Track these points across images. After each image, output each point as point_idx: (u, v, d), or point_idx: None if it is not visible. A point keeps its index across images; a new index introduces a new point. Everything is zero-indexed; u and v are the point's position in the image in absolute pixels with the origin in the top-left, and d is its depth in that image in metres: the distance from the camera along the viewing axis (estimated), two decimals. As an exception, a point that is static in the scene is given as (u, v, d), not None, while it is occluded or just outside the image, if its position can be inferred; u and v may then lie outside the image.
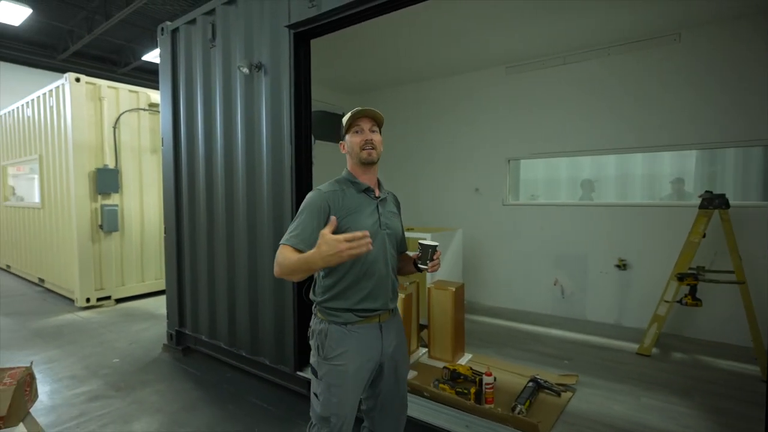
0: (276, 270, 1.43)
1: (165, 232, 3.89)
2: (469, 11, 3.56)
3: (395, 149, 5.90)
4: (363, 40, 4.18)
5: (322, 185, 1.63)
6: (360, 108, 1.61)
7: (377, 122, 1.63)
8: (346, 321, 1.55)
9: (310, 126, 2.92)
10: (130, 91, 5.67)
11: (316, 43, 2.93)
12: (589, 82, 4.41)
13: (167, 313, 3.93)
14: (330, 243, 1.27)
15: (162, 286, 5.69)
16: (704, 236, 3.39)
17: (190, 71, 3.54)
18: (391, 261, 1.62)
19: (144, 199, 5.82)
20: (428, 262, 1.56)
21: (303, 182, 2.88)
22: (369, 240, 1.29)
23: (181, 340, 3.82)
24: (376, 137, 1.61)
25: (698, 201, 3.55)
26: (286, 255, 1.41)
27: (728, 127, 3.75)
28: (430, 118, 5.57)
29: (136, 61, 10.72)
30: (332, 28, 2.72)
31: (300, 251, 1.41)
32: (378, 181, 1.70)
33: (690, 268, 3.44)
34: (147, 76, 11.42)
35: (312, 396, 1.61)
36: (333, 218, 1.39)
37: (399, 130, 5.88)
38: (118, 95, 5.53)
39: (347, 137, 1.63)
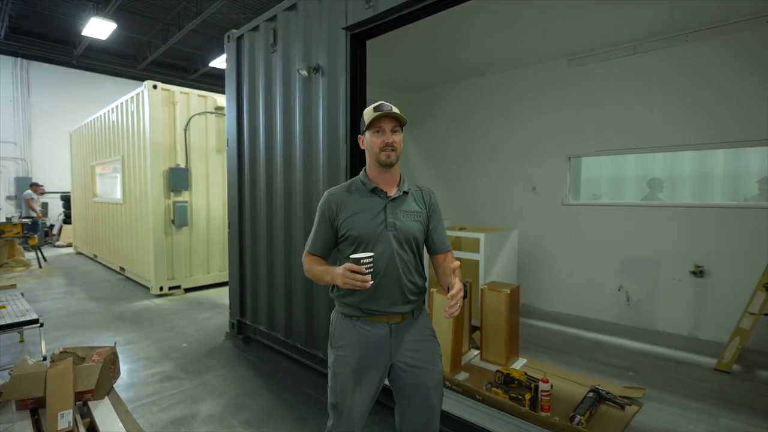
0: (305, 274, 1.66)
1: (228, 227, 4.13)
2: (526, 3, 3.42)
3: (450, 147, 5.83)
4: (416, 37, 4.16)
5: (335, 186, 1.71)
6: (381, 105, 1.58)
7: (399, 122, 1.59)
8: (351, 314, 1.61)
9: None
10: (199, 95, 6.10)
11: (369, 43, 2.97)
12: (662, 73, 4.07)
13: (229, 303, 4.18)
14: (335, 272, 1.47)
15: (225, 278, 6.08)
16: (800, 242, 3.01)
17: (253, 75, 3.74)
18: (401, 263, 1.58)
19: (210, 196, 6.25)
20: (369, 274, 1.40)
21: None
22: (367, 280, 1.39)
23: (241, 329, 4.05)
24: (398, 138, 1.59)
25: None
26: (308, 262, 1.65)
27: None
28: (485, 115, 5.43)
29: (204, 67, 11.52)
30: (388, 28, 2.74)
31: (316, 255, 1.65)
32: (401, 178, 1.68)
33: (781, 278, 3.07)
34: (214, 81, 12.22)
35: None
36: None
37: (454, 127, 5.80)
38: (189, 100, 5.97)
39: (367, 134, 1.61)
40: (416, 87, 6.12)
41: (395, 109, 1.60)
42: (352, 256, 1.42)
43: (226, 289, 4.56)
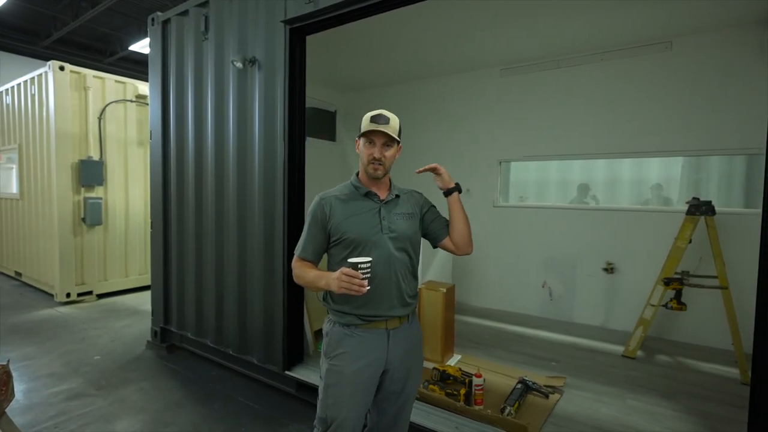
0: (295, 280, 1.60)
1: (152, 227, 3.82)
2: (464, 13, 3.57)
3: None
4: (356, 38, 4.16)
5: (327, 190, 1.67)
6: (379, 115, 1.55)
7: (393, 137, 1.58)
8: (348, 323, 1.57)
9: (304, 123, 2.90)
10: (117, 81, 5.56)
11: (309, 39, 2.91)
12: (581, 87, 4.47)
13: (152, 309, 3.86)
14: (330, 278, 1.42)
15: (146, 282, 5.61)
16: (690, 242, 3.47)
17: (182, 64, 3.49)
18: (398, 266, 1.58)
19: (129, 193, 5.71)
20: (366, 279, 1.38)
21: (296, 180, 2.86)
22: (363, 284, 1.36)
23: (166, 337, 3.76)
24: (388, 153, 1.59)
25: (683, 207, 3.63)
26: (299, 267, 1.59)
27: (714, 135, 3.84)
28: (421, 118, 5.56)
29: (122, 50, 10.49)
30: (329, 25, 2.70)
31: (307, 260, 1.60)
32: (390, 183, 1.69)
33: (675, 273, 3.51)
34: (134, 67, 11.19)
35: None
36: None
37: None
38: (104, 85, 5.41)
39: (361, 141, 1.62)
40: (355, 87, 6.11)
41: (393, 121, 1.57)
42: (350, 260, 1.39)
43: (147, 294, 4.21)
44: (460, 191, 1.67)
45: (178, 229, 3.59)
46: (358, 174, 1.68)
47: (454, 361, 3.35)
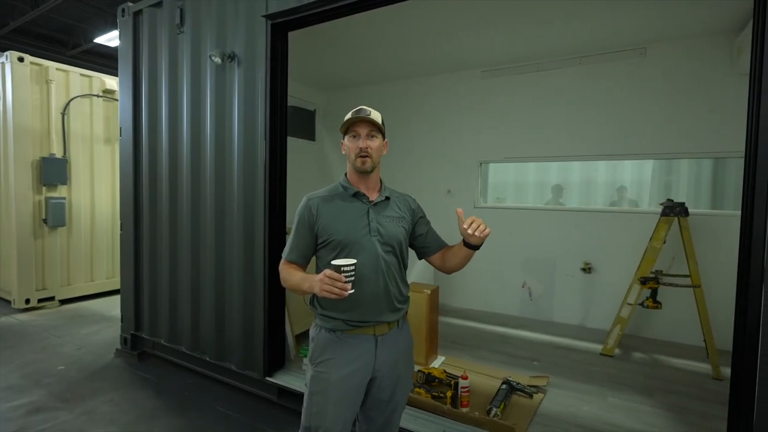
0: (282, 283, 1.58)
1: (121, 228, 3.65)
2: (446, 13, 3.58)
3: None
4: (337, 35, 4.11)
5: (315, 191, 1.64)
6: (360, 109, 1.55)
7: (377, 126, 1.56)
8: (335, 328, 1.53)
9: (286, 122, 2.84)
10: (83, 75, 5.29)
11: (292, 35, 2.85)
12: (560, 90, 4.57)
13: (122, 315, 3.69)
14: (314, 280, 1.40)
15: (114, 286, 5.37)
16: (664, 242, 3.59)
17: (155, 58, 3.35)
18: (387, 269, 1.54)
19: (96, 192, 5.45)
20: (349, 283, 1.34)
21: (277, 180, 2.79)
22: (346, 287, 1.33)
23: (136, 344, 3.61)
24: (374, 144, 1.55)
25: (656, 208, 3.77)
26: (285, 270, 1.56)
27: (684, 139, 4.00)
28: (403, 119, 5.55)
29: (87, 43, 10.03)
30: (312, 21, 2.65)
31: (294, 263, 1.58)
32: (381, 184, 1.66)
33: (650, 272, 3.63)
34: (100, 60, 10.74)
35: None
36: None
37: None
38: (69, 79, 5.14)
39: (346, 139, 1.59)
40: (335, 86, 6.05)
41: (375, 114, 1.55)
42: (333, 263, 1.35)
43: (115, 299, 4.03)
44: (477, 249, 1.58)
45: (151, 229, 3.44)
46: (346, 174, 1.65)
47: (438, 362, 3.35)
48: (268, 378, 2.80)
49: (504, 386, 2.80)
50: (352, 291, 1.35)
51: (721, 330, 3.50)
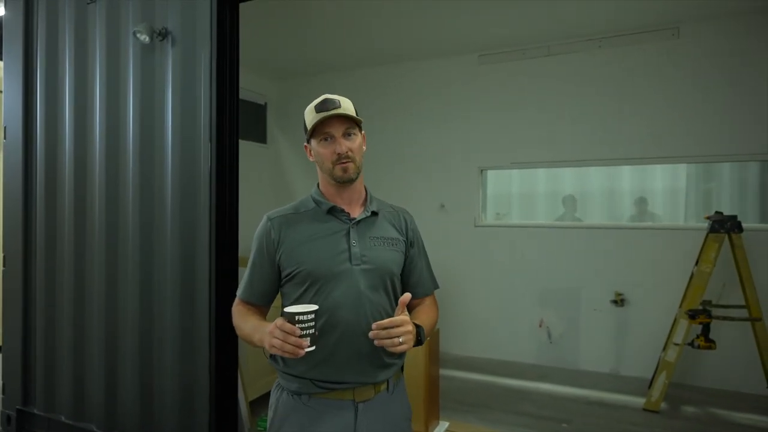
0: (236, 331, 1.53)
1: (4, 264, 3.49)
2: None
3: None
4: (296, 9, 4.11)
5: (276, 209, 1.56)
6: (325, 100, 1.45)
7: (352, 119, 1.47)
8: (300, 390, 1.42)
9: (237, 119, 2.77)
10: (-50, 57, 5.02)
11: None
12: (576, 78, 4.70)
13: (2, 384, 3.50)
14: (265, 331, 1.30)
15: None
16: (714, 265, 3.68)
17: (54, 34, 3.24)
18: (372, 311, 1.42)
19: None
20: (307, 337, 1.24)
21: (226, 194, 2.68)
22: (301, 344, 1.20)
23: (25, 423, 3.38)
24: (354, 143, 1.46)
25: (697, 222, 3.85)
26: (238, 314, 1.53)
27: (726, 138, 4.16)
28: (380, 115, 5.55)
29: (-45, 16, 9.63)
30: (272, -12, 2.61)
31: (251, 303, 1.53)
32: (367, 195, 1.58)
33: (699, 304, 3.70)
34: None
35: None
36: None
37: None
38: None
39: (313, 143, 1.49)
40: (292, 73, 6.04)
41: (345, 102, 1.45)
42: (286, 310, 1.25)
43: (-5, 363, 3.76)
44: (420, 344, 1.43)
45: (48, 266, 3.27)
46: (319, 185, 1.57)
47: (441, 430, 3.27)
48: (215, 465, 2.63)
49: (530, 460, 2.74)
50: (311, 348, 1.24)
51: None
